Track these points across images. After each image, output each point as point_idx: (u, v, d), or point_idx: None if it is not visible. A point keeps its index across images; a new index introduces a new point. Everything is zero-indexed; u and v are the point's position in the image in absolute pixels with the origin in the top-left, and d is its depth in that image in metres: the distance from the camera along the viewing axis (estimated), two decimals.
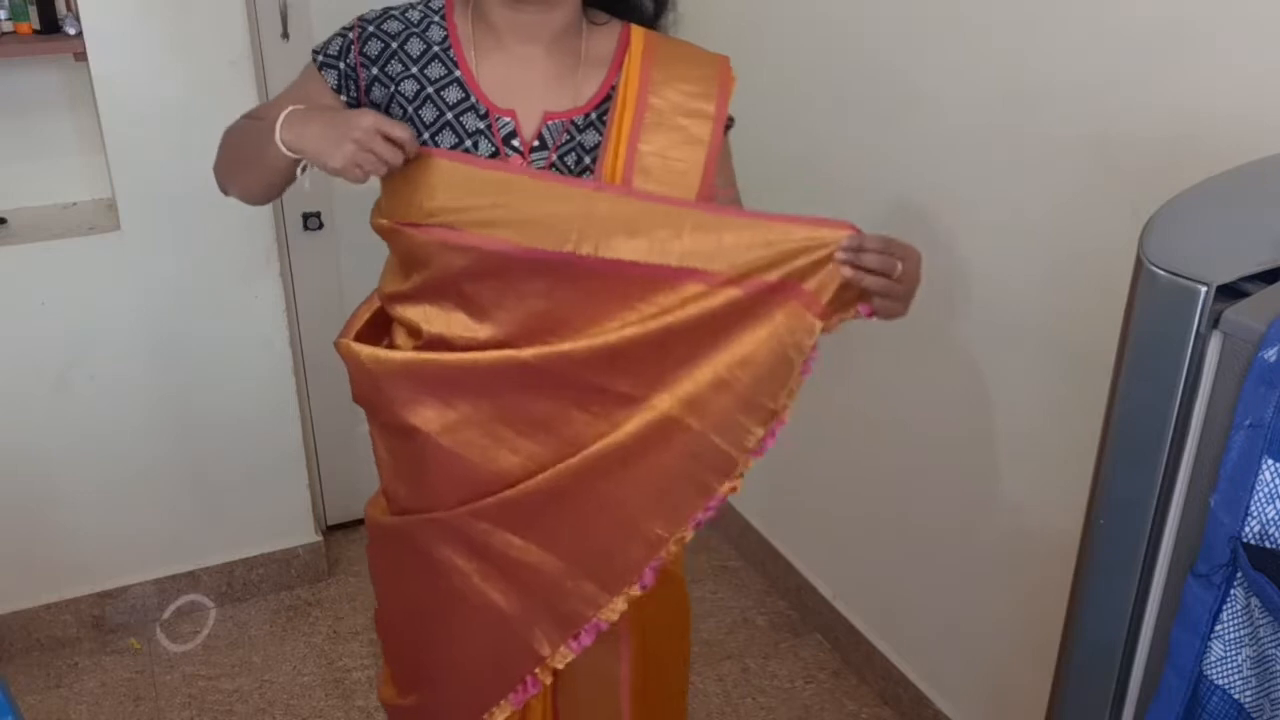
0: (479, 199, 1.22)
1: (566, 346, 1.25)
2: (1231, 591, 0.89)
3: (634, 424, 1.27)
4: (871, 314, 1.24)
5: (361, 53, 1.30)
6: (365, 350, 1.33)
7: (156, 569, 2.51)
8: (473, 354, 1.27)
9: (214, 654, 2.44)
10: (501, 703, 1.43)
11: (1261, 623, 0.88)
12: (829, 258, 1.19)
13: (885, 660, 2.25)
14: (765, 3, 2.30)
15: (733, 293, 1.22)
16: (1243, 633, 0.90)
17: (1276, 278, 0.90)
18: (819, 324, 1.24)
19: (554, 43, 1.30)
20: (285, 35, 2.39)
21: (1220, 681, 0.92)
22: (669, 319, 1.23)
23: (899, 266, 1.19)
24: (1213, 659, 0.92)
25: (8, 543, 2.35)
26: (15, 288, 2.19)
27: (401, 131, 1.17)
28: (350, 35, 1.31)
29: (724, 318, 1.24)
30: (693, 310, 1.23)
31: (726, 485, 1.32)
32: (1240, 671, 0.91)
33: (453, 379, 1.29)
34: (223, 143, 1.39)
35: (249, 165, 1.31)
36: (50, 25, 2.15)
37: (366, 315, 1.41)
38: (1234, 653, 0.91)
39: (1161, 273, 0.89)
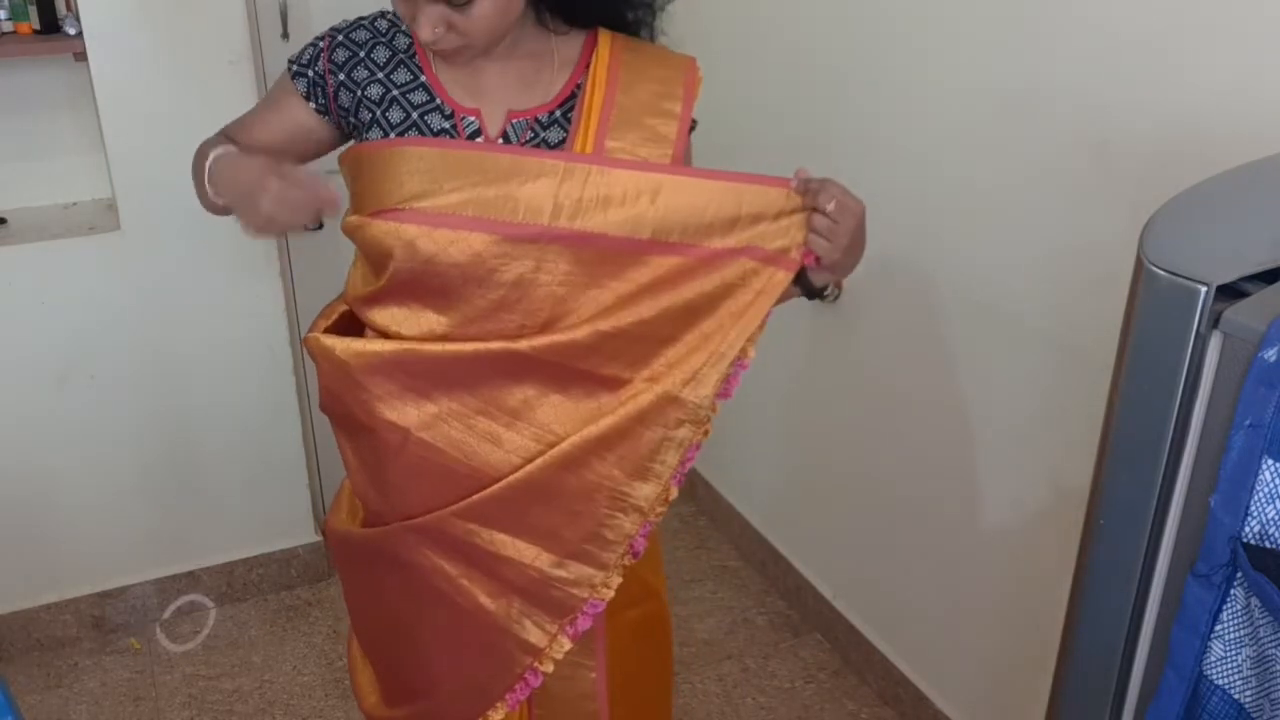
0: (449, 180, 1.22)
1: (558, 336, 1.25)
2: (1231, 591, 0.89)
3: (627, 407, 1.27)
4: (814, 259, 1.26)
5: (330, 60, 1.33)
6: (340, 343, 1.29)
7: (156, 569, 2.50)
8: (458, 344, 1.26)
9: (214, 654, 2.44)
10: (499, 704, 1.41)
11: (1261, 623, 0.88)
12: (787, 215, 1.25)
13: (885, 660, 2.25)
14: (765, 2, 2.30)
15: (721, 265, 1.25)
16: (1243, 633, 0.90)
17: (1276, 278, 0.90)
18: (788, 276, 1.28)
19: (511, 49, 1.31)
20: (285, 35, 2.39)
21: (1220, 681, 0.92)
22: (656, 300, 1.25)
23: (831, 204, 1.23)
24: (1213, 659, 0.92)
25: (8, 543, 2.35)
26: (15, 288, 2.19)
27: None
28: (321, 44, 1.34)
29: (711, 292, 1.26)
30: (673, 285, 1.25)
31: (700, 432, 1.32)
32: (1240, 671, 0.91)
33: (436, 370, 1.27)
34: (198, 152, 1.39)
35: (211, 200, 1.36)
36: (50, 25, 2.14)
37: (334, 316, 1.39)
38: (1234, 653, 0.91)
39: (1161, 273, 0.89)
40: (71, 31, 2.13)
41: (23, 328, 2.22)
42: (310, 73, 1.34)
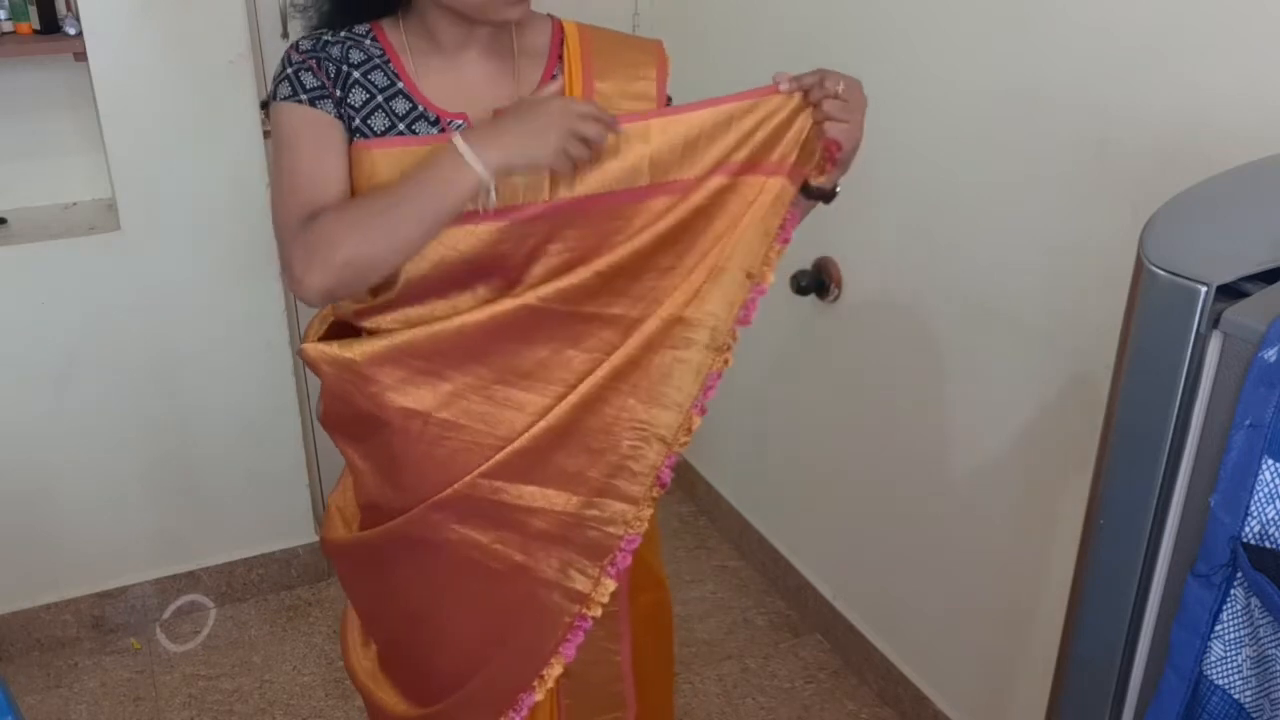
0: None
1: (560, 282, 1.25)
2: (1231, 591, 0.89)
3: (636, 338, 1.29)
4: (838, 147, 1.27)
5: (323, 73, 1.26)
6: (341, 344, 1.26)
7: (156, 569, 2.51)
8: (461, 316, 1.25)
9: (214, 654, 2.44)
10: (553, 660, 1.39)
11: (1261, 623, 0.88)
12: (786, 121, 1.27)
13: (885, 660, 2.25)
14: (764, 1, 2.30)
15: (708, 185, 1.27)
16: (1243, 633, 0.90)
17: (1276, 278, 0.90)
18: (789, 184, 1.29)
19: (491, 43, 1.31)
20: (285, 35, 2.39)
21: (1220, 681, 0.92)
22: (650, 233, 1.26)
23: (840, 84, 1.25)
24: (1213, 659, 0.92)
25: (8, 543, 2.35)
26: (15, 288, 2.19)
27: (593, 110, 1.19)
28: (309, 63, 1.26)
29: (703, 211, 1.28)
30: (671, 219, 1.26)
31: (719, 360, 1.33)
32: (1240, 671, 0.91)
33: (446, 347, 1.26)
34: (328, 237, 1.17)
35: (417, 229, 1.18)
36: (50, 25, 2.15)
37: (326, 324, 1.38)
38: (1234, 653, 0.91)
39: (1161, 273, 0.89)
40: (71, 31, 2.14)
41: (23, 328, 2.22)
42: (321, 93, 1.26)
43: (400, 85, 1.28)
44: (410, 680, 1.53)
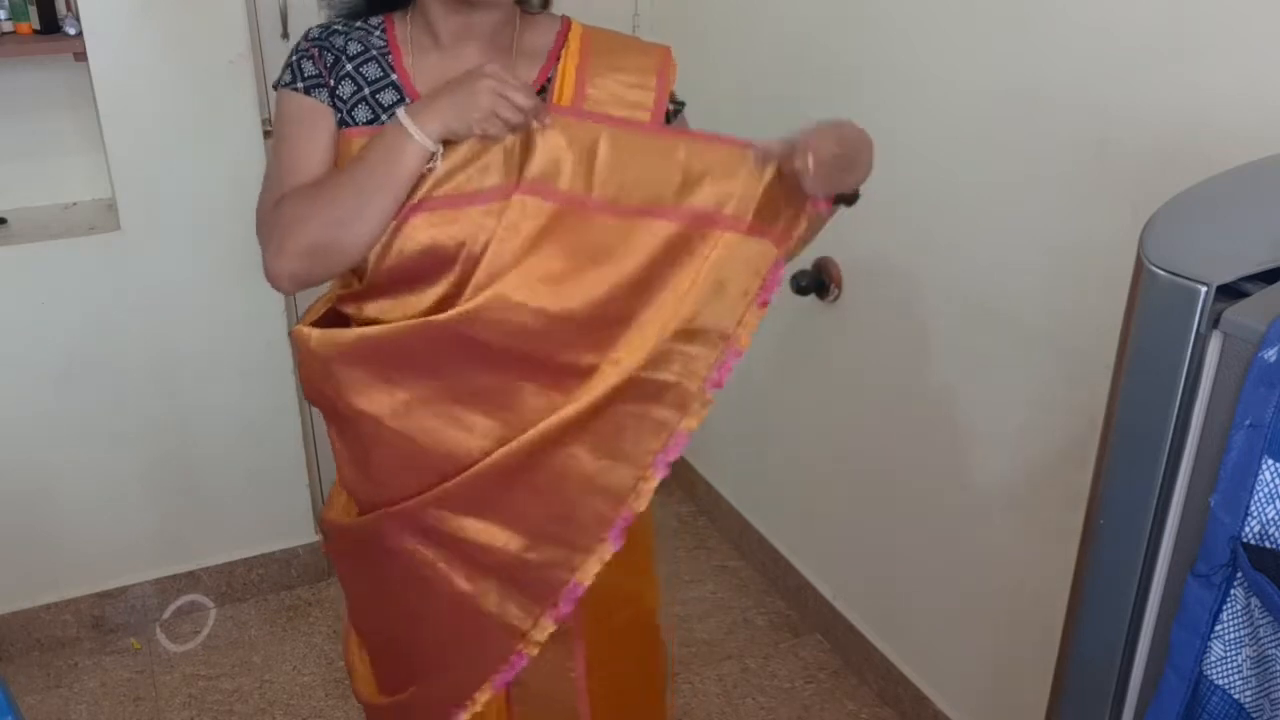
0: None
1: (499, 313, 1.23)
2: (1231, 591, 0.89)
3: (595, 391, 1.25)
4: (820, 203, 1.23)
5: (323, 62, 1.30)
6: (315, 334, 1.29)
7: (156, 569, 2.51)
8: (418, 320, 1.25)
9: (214, 654, 2.44)
10: (485, 685, 1.41)
11: (1261, 623, 0.88)
12: (740, 176, 1.22)
13: (885, 660, 2.25)
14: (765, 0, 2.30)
15: (655, 229, 1.23)
16: (1243, 633, 0.90)
17: (1276, 278, 0.90)
18: (769, 246, 1.24)
19: (491, 39, 1.31)
20: (285, 35, 2.39)
21: (1220, 681, 0.92)
22: (602, 276, 1.23)
23: (810, 158, 1.17)
24: (1213, 659, 0.92)
25: (8, 543, 2.35)
26: (15, 287, 2.19)
27: (521, 85, 1.19)
28: (312, 52, 1.31)
29: (655, 261, 1.24)
30: (619, 258, 1.23)
31: (684, 421, 1.28)
32: (1240, 671, 0.91)
33: (398, 354, 1.27)
34: (293, 221, 1.24)
35: (370, 208, 1.22)
36: (50, 25, 2.14)
37: (323, 309, 1.39)
38: (1234, 653, 0.91)
39: (1161, 273, 0.89)
40: (71, 31, 2.13)
41: (23, 328, 2.22)
42: (317, 81, 1.30)
43: (393, 78, 1.30)
44: (376, 663, 1.57)
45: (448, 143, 1.22)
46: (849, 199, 1.29)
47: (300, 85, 1.29)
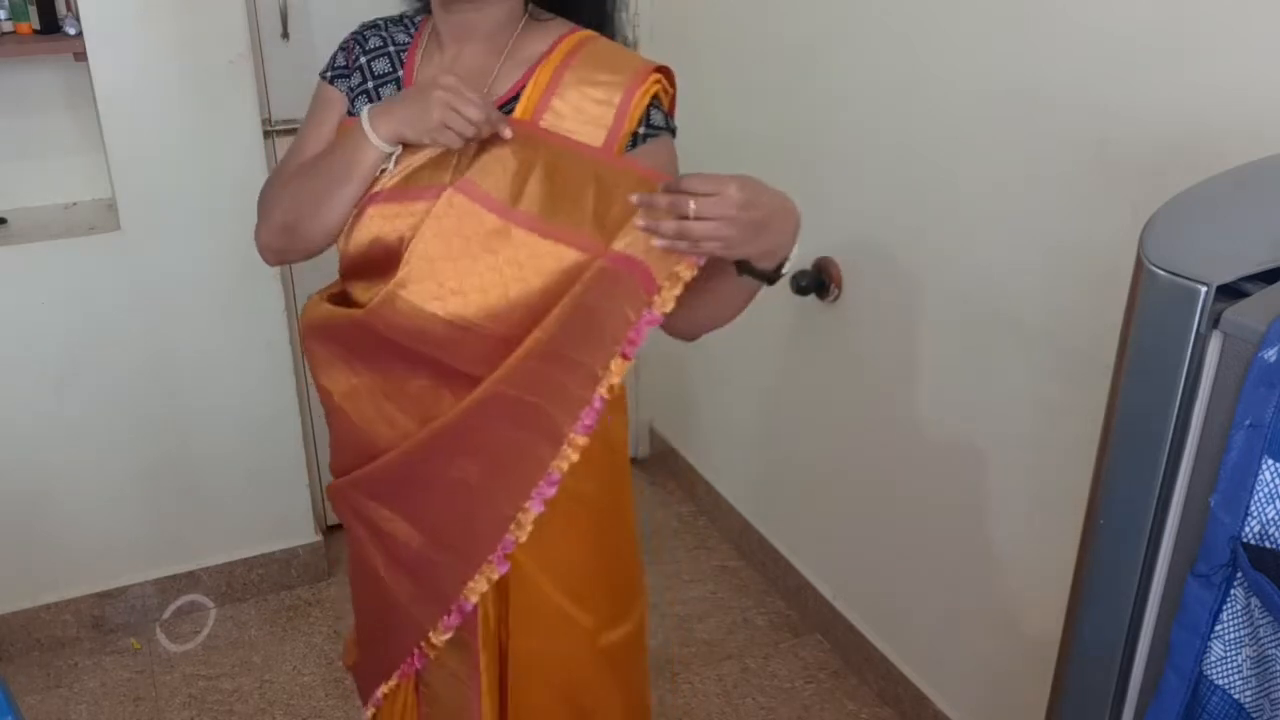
0: None
1: (413, 320, 1.25)
2: (1231, 591, 0.89)
3: (468, 403, 1.26)
4: (695, 263, 1.14)
5: (351, 57, 1.38)
6: (309, 305, 1.39)
7: (156, 569, 2.51)
8: (356, 311, 1.29)
9: (214, 654, 2.44)
10: (393, 675, 1.45)
11: (1261, 623, 0.88)
12: (631, 211, 1.14)
13: (885, 660, 2.25)
14: (763, 1, 2.30)
15: (568, 256, 1.20)
16: (1243, 633, 0.90)
17: (1276, 278, 0.90)
18: (642, 293, 1.15)
19: (488, 40, 1.31)
20: (285, 35, 2.39)
21: (1220, 681, 0.92)
22: (506, 293, 1.22)
23: (690, 205, 1.06)
24: (1213, 659, 0.92)
25: (8, 543, 2.35)
26: (15, 288, 2.19)
27: (475, 99, 1.20)
28: (349, 43, 1.41)
29: (560, 284, 1.20)
30: (526, 276, 1.21)
31: (560, 456, 1.22)
32: (1240, 671, 0.91)
33: (347, 339, 1.33)
34: (274, 199, 1.36)
35: (329, 197, 1.28)
36: (50, 25, 2.15)
37: (339, 286, 1.41)
38: (1234, 653, 0.91)
39: (1161, 273, 0.89)
40: (71, 31, 2.14)
41: (23, 328, 2.22)
42: (342, 72, 1.38)
43: (399, 74, 1.35)
44: (356, 624, 1.65)
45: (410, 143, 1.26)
46: (761, 273, 1.16)
47: (329, 75, 1.38)
